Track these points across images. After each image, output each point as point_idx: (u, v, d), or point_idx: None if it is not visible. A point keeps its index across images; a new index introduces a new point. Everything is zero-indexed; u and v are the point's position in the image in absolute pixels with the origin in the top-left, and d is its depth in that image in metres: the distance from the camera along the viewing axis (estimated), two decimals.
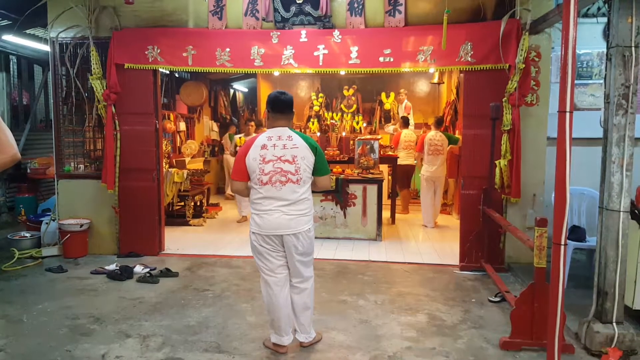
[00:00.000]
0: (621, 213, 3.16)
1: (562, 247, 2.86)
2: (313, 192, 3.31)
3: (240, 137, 7.98)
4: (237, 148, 7.00)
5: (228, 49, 5.41)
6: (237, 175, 3.22)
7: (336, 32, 5.28)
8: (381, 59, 5.25)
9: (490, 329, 3.73)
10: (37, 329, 3.69)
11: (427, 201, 7.47)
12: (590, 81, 5.43)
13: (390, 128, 9.68)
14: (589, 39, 5.36)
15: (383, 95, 10.17)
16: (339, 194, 6.49)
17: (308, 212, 3.22)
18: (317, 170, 3.21)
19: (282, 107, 3.21)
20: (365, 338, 3.56)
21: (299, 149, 3.15)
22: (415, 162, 8.62)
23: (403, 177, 8.31)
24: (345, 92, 10.36)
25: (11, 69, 7.98)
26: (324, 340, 3.51)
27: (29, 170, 7.67)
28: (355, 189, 6.53)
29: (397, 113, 10.02)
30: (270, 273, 3.24)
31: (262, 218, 3.16)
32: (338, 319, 3.90)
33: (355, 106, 10.38)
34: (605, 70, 3.23)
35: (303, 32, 5.32)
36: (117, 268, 5.09)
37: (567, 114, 2.77)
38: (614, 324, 3.26)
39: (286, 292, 3.26)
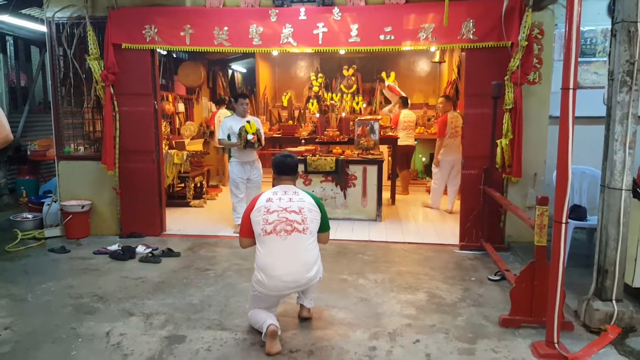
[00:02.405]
0: (623, 191, 3.16)
1: (563, 225, 2.87)
2: None
3: (250, 122, 5.72)
4: (250, 136, 5.60)
5: (226, 28, 5.35)
6: (243, 232, 3.25)
7: (336, 10, 5.21)
8: (382, 37, 5.19)
9: (490, 306, 3.76)
10: (41, 308, 3.73)
11: (442, 186, 7.21)
12: (593, 59, 5.35)
13: (385, 109, 9.62)
14: (593, 15, 5.27)
15: (383, 74, 10.08)
16: (339, 175, 6.48)
17: (316, 269, 3.21)
18: (321, 227, 3.26)
19: (286, 170, 3.32)
20: (366, 315, 3.59)
21: (305, 202, 3.19)
22: (416, 142, 8.58)
23: (403, 157, 8.28)
24: (345, 72, 10.28)
25: (8, 51, 7.90)
26: (324, 318, 3.55)
27: (29, 152, 7.65)
28: (355, 170, 6.52)
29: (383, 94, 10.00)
30: (267, 309, 3.25)
31: (268, 276, 3.09)
32: (338, 297, 3.93)
33: (355, 86, 10.31)
34: (610, 47, 3.19)
35: (302, 9, 5.25)
36: (120, 248, 5.11)
37: (570, 91, 2.75)
38: (614, 301, 3.28)
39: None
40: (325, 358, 3.00)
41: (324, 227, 3.30)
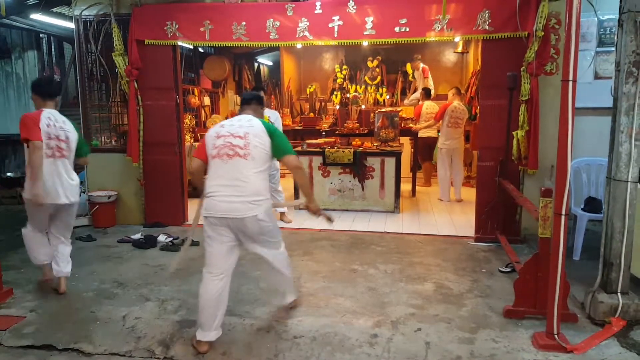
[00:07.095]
0: (629, 183, 3.12)
1: (563, 217, 2.86)
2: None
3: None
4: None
5: (244, 23, 5.47)
6: (196, 152, 3.22)
7: (351, 2, 5.24)
8: (397, 29, 5.20)
9: (496, 298, 3.77)
10: (65, 293, 3.96)
11: (445, 174, 7.40)
12: (612, 48, 5.20)
13: (406, 101, 9.57)
14: (614, 3, 5.08)
15: (408, 66, 10.01)
16: (357, 167, 6.53)
17: (258, 201, 3.03)
18: (279, 151, 3.14)
19: (247, 100, 3.44)
20: (371, 304, 3.67)
21: (253, 128, 3.11)
22: (438, 134, 8.52)
23: (425, 149, 8.25)
24: (369, 64, 10.26)
25: (42, 47, 8.28)
26: (331, 306, 3.64)
27: None
28: (373, 162, 6.56)
29: (415, 79, 9.85)
30: (210, 268, 3.13)
31: (212, 199, 3.03)
32: (347, 286, 4.02)
33: (379, 78, 10.29)
34: (616, 37, 3.13)
35: (318, 3, 5.31)
36: (142, 237, 5.35)
37: (570, 83, 2.74)
38: (619, 294, 3.25)
39: (218, 287, 3.10)
40: (327, 344, 3.11)
41: (279, 152, 3.15)
